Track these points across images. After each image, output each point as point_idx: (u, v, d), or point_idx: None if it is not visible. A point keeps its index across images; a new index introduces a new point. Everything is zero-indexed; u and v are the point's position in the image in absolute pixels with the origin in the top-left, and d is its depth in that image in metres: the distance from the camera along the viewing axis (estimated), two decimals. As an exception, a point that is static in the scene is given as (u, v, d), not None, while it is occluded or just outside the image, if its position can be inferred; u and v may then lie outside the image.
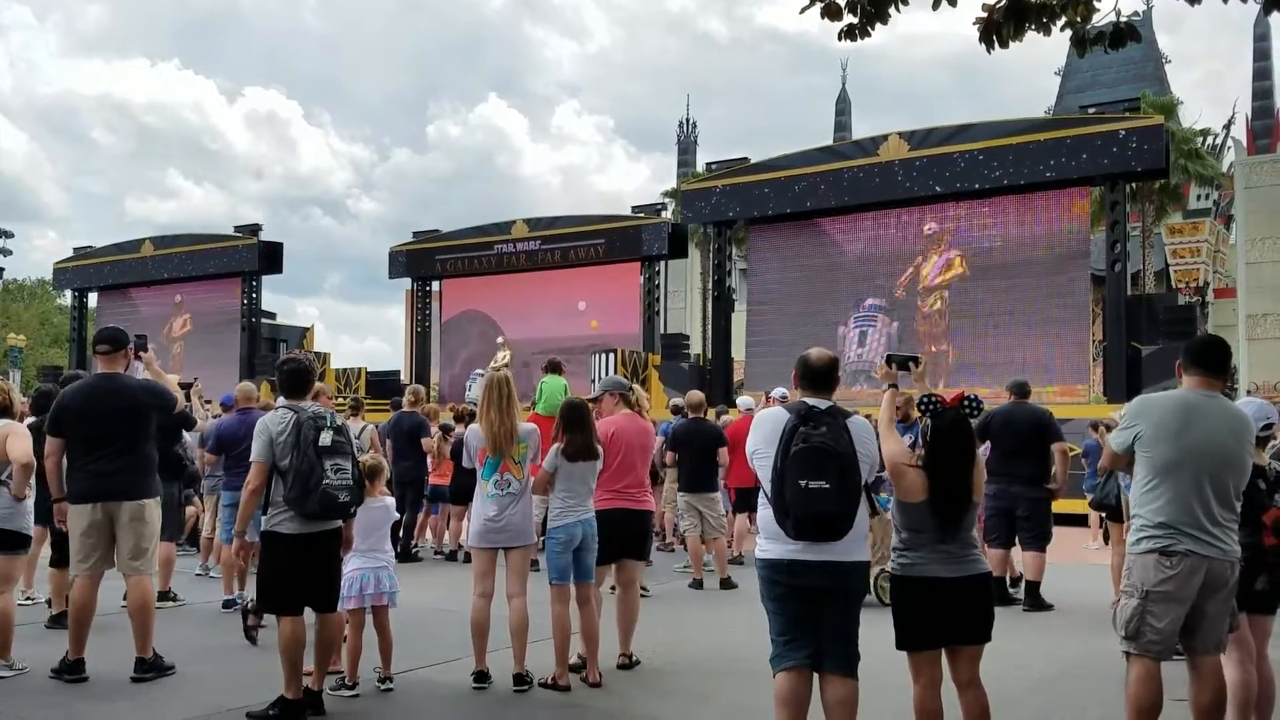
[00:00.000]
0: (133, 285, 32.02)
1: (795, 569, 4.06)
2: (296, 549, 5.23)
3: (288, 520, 5.20)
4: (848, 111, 58.62)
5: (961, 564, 4.17)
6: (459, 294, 28.57)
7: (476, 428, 5.98)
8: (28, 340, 43.45)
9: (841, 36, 5.62)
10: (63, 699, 5.53)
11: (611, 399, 6.77)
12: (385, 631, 5.87)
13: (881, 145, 21.06)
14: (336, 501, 5.19)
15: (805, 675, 4.12)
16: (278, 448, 5.19)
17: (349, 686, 5.65)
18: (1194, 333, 17.25)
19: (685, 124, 58.82)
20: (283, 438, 5.19)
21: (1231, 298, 34.98)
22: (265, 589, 5.33)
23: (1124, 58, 37.60)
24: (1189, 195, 37.17)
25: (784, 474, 4.01)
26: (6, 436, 5.91)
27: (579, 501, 5.94)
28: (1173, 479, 4.16)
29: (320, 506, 5.15)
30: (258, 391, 9.70)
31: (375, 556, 5.88)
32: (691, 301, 43.19)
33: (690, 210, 24.57)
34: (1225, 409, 4.29)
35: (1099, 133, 18.87)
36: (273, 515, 5.23)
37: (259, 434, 5.27)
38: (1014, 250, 20.22)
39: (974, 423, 4.40)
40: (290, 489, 5.15)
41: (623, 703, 5.66)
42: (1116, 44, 5.36)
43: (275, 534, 5.23)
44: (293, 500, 5.16)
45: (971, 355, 20.31)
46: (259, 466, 5.22)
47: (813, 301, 22.32)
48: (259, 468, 5.22)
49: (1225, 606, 4.19)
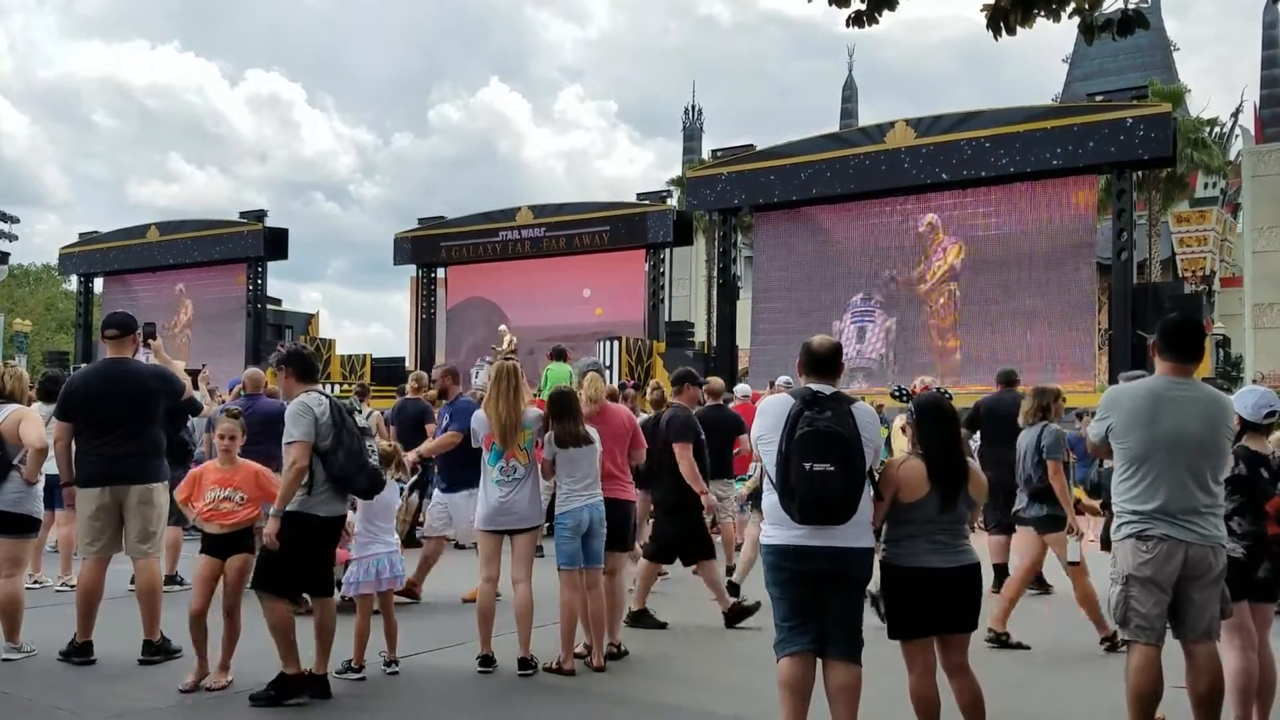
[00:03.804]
0: (138, 271, 32.08)
1: (800, 554, 4.08)
2: (326, 532, 5.36)
3: (325, 503, 5.29)
4: (854, 98, 58.42)
5: (954, 554, 4.23)
6: (464, 281, 28.61)
7: (482, 414, 6.01)
8: (34, 325, 43.54)
9: (849, 23, 5.61)
10: (71, 681, 5.57)
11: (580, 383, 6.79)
12: (391, 615, 5.91)
13: (888, 132, 21.03)
14: (380, 478, 5.51)
15: (809, 660, 4.14)
16: (320, 428, 5.23)
17: (355, 670, 5.69)
18: (1201, 323, 17.21)
19: (691, 110, 58.73)
20: (325, 418, 5.25)
21: (1238, 287, 34.92)
22: (277, 570, 5.26)
23: (1132, 45, 37.42)
24: (1196, 184, 37.06)
25: (789, 457, 4.03)
26: (20, 421, 5.95)
27: (584, 487, 5.96)
28: (1146, 468, 4.21)
29: (370, 483, 5.41)
30: (265, 377, 9.72)
31: (388, 541, 5.96)
32: (696, 289, 43.19)
33: (695, 197, 24.57)
34: (1197, 396, 4.29)
35: (1106, 120, 18.84)
36: (311, 496, 5.26)
37: (302, 415, 5.24)
38: (1020, 239, 20.20)
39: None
40: (341, 467, 5.24)
41: (627, 687, 5.70)
42: (1124, 31, 5.34)
43: (310, 516, 5.25)
44: (344, 479, 5.27)
45: (978, 346, 20.29)
46: (304, 446, 5.20)
47: (818, 289, 22.31)
48: (304, 447, 5.20)
49: (1213, 592, 4.22)
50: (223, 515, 5.55)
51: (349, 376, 25.35)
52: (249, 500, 5.57)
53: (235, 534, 5.54)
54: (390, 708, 5.28)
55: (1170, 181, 32.68)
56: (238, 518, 5.56)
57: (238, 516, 5.56)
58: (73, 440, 6.03)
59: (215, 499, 5.56)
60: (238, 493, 5.56)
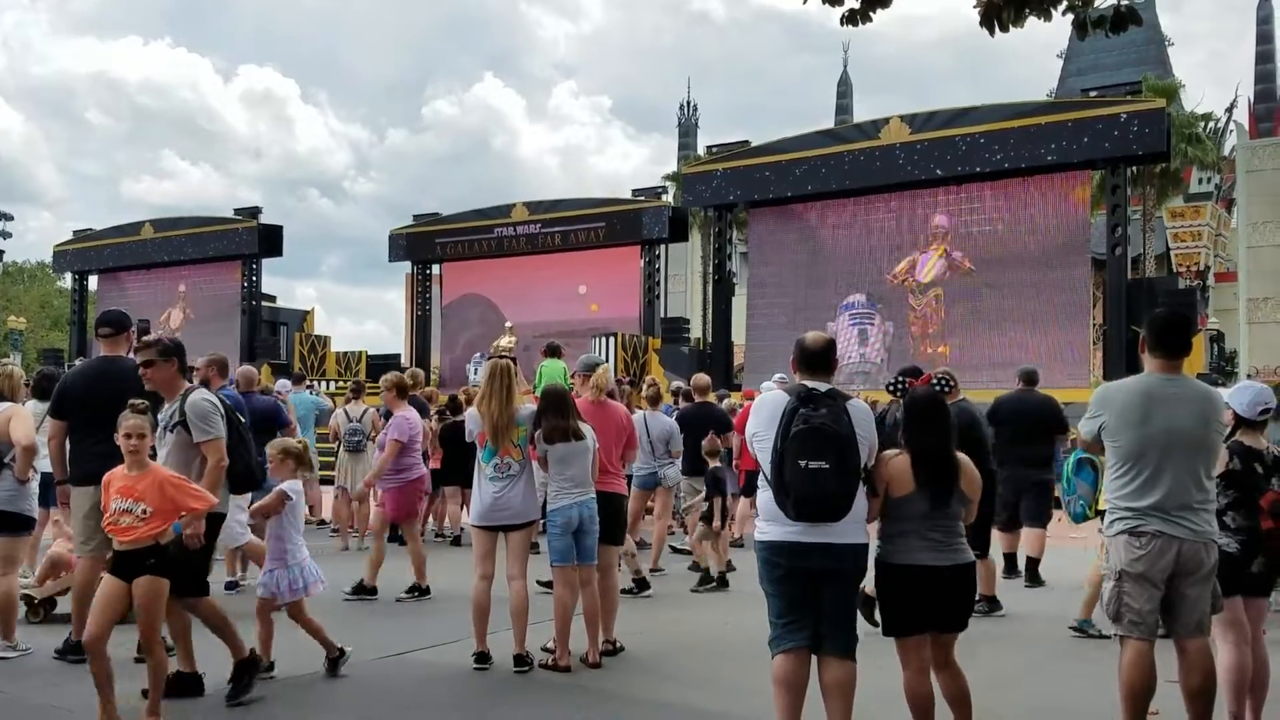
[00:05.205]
0: (133, 268, 32.00)
1: (795, 551, 4.08)
2: (218, 528, 5.47)
3: (222, 499, 5.39)
4: (849, 94, 58.48)
5: (948, 552, 4.22)
6: (459, 277, 28.57)
7: (475, 411, 6.02)
8: (28, 323, 43.43)
9: (843, 21, 5.61)
10: (66, 680, 5.55)
11: (580, 379, 6.79)
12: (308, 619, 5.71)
13: (883, 128, 21.03)
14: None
15: (804, 657, 4.15)
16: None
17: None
18: (1196, 318, 17.24)
19: (686, 106, 58.76)
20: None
21: (1232, 282, 34.98)
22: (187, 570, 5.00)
23: (1126, 40, 37.42)
24: (1190, 179, 37.10)
25: (784, 455, 4.03)
26: (9, 419, 5.94)
27: (574, 484, 5.96)
28: (1139, 465, 4.22)
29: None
30: (259, 374, 9.72)
31: (304, 549, 5.79)
32: (692, 285, 43.19)
33: (691, 194, 24.56)
34: (1188, 393, 4.30)
35: (1100, 116, 18.85)
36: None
37: (214, 412, 5.38)
38: (1014, 235, 20.21)
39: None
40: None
41: (622, 684, 5.70)
42: (1118, 28, 5.34)
43: (218, 514, 5.27)
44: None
45: (972, 343, 20.31)
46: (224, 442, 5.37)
47: (813, 286, 22.32)
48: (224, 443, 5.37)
49: (1205, 588, 4.23)
50: (121, 531, 4.74)
51: (344, 374, 25.31)
52: (154, 514, 4.72)
53: (142, 551, 4.73)
54: (385, 704, 5.27)
55: (1165, 177, 32.70)
56: (136, 534, 4.71)
57: (136, 533, 4.71)
58: (67, 438, 6.02)
59: (116, 510, 4.76)
60: (139, 504, 4.71)
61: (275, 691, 5.42)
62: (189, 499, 4.81)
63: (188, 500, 4.80)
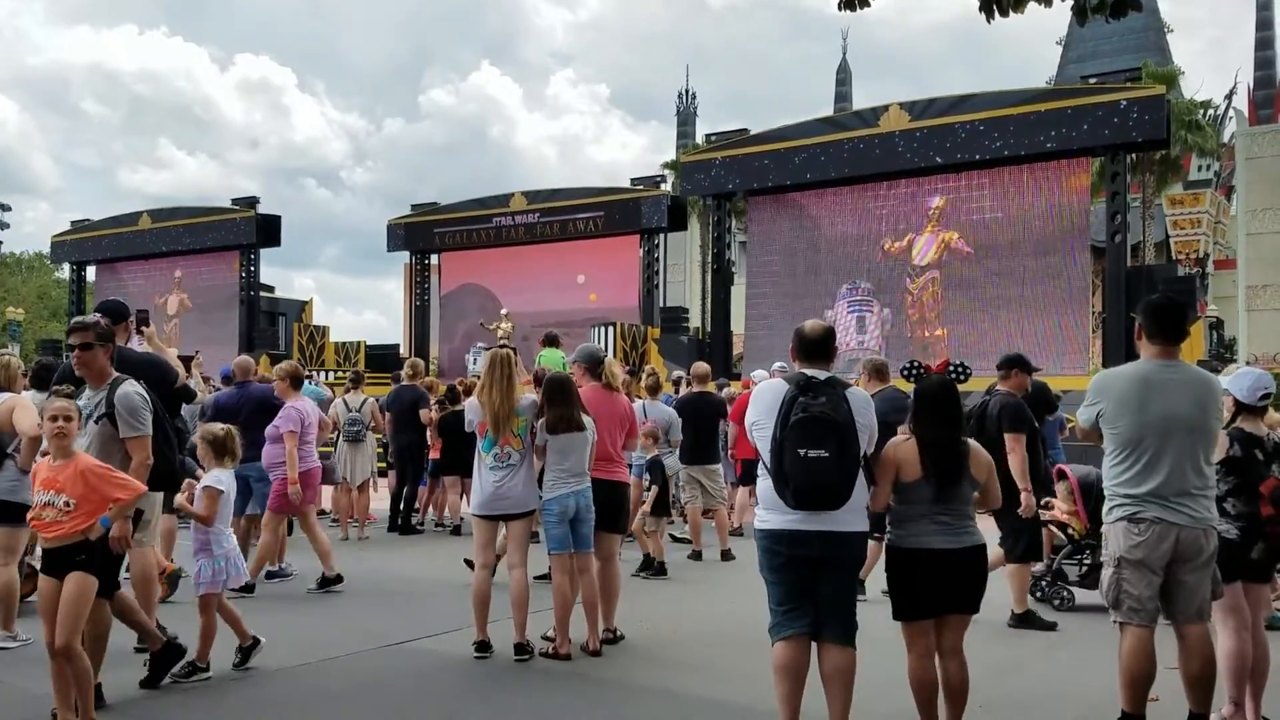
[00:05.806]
0: (131, 258, 31.94)
1: (794, 539, 4.09)
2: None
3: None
4: (848, 81, 58.34)
5: (958, 535, 4.23)
6: (458, 267, 28.52)
7: (475, 401, 6.01)
8: (26, 314, 43.39)
9: (841, 6, 5.58)
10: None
11: (579, 370, 6.68)
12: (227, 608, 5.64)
13: (882, 116, 20.95)
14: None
15: (804, 644, 4.15)
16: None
17: (201, 668, 5.41)
18: (1195, 304, 17.21)
19: (685, 95, 58.61)
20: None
21: (1232, 269, 34.95)
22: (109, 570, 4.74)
23: (1126, 27, 37.33)
24: (1189, 167, 37.04)
25: (783, 443, 4.02)
26: (13, 409, 5.93)
27: (572, 474, 5.97)
28: (1138, 452, 4.22)
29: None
30: (255, 365, 9.70)
31: (230, 541, 5.67)
32: (691, 275, 43.12)
33: (689, 182, 24.49)
34: (1186, 379, 4.29)
35: (1100, 103, 18.78)
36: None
37: (144, 407, 5.11)
38: (1013, 222, 20.17)
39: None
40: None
41: (623, 672, 5.71)
42: (1117, 14, 5.32)
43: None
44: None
45: (970, 330, 20.29)
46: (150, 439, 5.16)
47: (812, 274, 22.28)
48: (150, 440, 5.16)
49: (1204, 575, 4.23)
50: (45, 526, 4.41)
51: (343, 364, 25.29)
52: (77, 508, 4.38)
53: (69, 548, 4.40)
54: (385, 694, 5.28)
55: (1164, 164, 32.66)
56: (61, 530, 4.38)
57: (61, 529, 4.38)
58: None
59: (38, 504, 4.45)
60: (61, 496, 4.39)
61: (273, 681, 5.43)
62: (113, 488, 4.46)
63: (112, 490, 4.44)
